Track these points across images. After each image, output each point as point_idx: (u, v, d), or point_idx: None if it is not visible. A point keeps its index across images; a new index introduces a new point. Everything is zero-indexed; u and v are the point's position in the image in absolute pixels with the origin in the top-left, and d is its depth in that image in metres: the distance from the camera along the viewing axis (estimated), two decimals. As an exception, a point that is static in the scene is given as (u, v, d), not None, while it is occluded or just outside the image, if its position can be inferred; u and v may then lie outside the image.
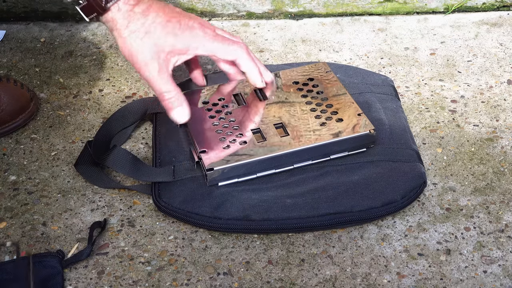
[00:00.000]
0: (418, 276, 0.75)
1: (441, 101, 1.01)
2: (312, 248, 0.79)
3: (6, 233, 0.81)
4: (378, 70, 1.08)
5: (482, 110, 0.99)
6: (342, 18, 1.23)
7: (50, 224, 0.82)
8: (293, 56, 1.12)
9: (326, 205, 0.80)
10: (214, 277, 0.75)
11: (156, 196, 0.83)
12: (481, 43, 1.14)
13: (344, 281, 0.75)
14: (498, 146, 0.93)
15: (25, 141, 0.95)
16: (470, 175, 0.88)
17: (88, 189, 0.87)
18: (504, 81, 1.05)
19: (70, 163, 0.91)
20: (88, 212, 0.84)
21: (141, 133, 0.97)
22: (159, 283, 0.75)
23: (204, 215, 0.80)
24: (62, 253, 0.77)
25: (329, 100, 0.91)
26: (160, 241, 0.80)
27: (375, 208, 0.81)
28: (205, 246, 0.79)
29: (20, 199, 0.86)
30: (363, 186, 0.82)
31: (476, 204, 0.84)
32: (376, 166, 0.85)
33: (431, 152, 0.92)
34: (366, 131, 0.85)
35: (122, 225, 0.82)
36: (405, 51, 1.13)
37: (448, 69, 1.08)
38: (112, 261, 0.78)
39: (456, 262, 0.77)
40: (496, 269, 0.76)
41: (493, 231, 0.80)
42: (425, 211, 0.83)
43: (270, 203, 0.81)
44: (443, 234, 0.80)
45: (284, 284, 0.75)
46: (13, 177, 0.89)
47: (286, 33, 1.18)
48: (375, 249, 0.78)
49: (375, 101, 0.95)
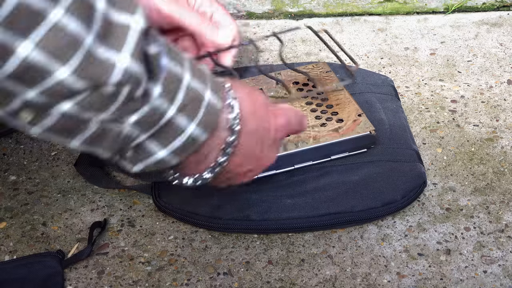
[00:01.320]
0: (418, 276, 0.75)
1: (441, 101, 1.01)
2: (312, 248, 0.79)
3: (6, 233, 0.81)
4: (378, 70, 1.08)
5: (482, 110, 0.99)
6: (342, 18, 1.23)
7: (50, 224, 0.82)
8: (293, 56, 1.12)
9: (326, 205, 0.80)
10: (214, 277, 0.75)
11: (156, 196, 0.83)
12: (481, 43, 1.14)
13: (344, 281, 0.75)
14: (498, 146, 0.93)
15: (25, 141, 0.95)
16: (470, 175, 0.88)
17: (88, 189, 0.87)
18: (504, 81, 1.05)
19: (70, 163, 0.91)
20: (88, 212, 0.84)
21: (141, 133, 0.96)
22: (159, 283, 0.75)
23: (204, 215, 0.80)
24: (62, 253, 0.77)
25: (329, 100, 0.91)
26: (160, 241, 0.80)
27: (375, 208, 0.81)
28: (205, 246, 0.79)
29: (20, 199, 0.86)
30: (363, 186, 0.82)
31: (476, 204, 0.84)
32: (376, 166, 0.85)
33: (431, 152, 0.92)
34: (366, 132, 0.85)
35: (122, 225, 0.82)
36: (405, 51, 1.13)
37: (448, 69, 1.08)
38: (112, 261, 0.78)
39: (456, 262, 0.77)
40: (496, 269, 0.76)
41: (493, 231, 0.80)
42: (425, 211, 0.83)
43: (270, 203, 0.81)
44: (443, 234, 0.80)
45: (284, 284, 0.75)
46: (13, 177, 0.89)
47: (286, 33, 1.18)
48: (375, 249, 0.78)
49: (375, 101, 0.95)
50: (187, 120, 0.54)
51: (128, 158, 0.55)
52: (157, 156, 0.55)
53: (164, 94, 0.51)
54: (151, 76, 0.50)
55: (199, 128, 0.55)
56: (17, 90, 0.45)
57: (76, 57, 0.44)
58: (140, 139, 0.53)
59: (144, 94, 0.50)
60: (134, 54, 0.47)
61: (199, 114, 0.54)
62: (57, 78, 0.45)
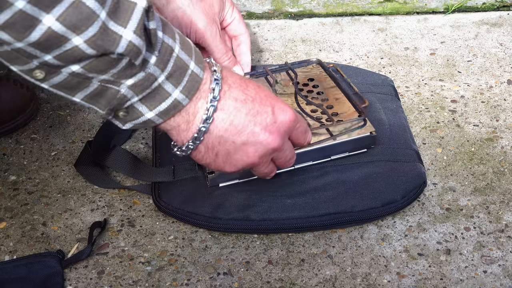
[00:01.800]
0: (418, 276, 0.75)
1: (441, 101, 1.01)
2: (312, 248, 0.79)
3: (6, 233, 0.81)
4: (378, 70, 1.08)
5: (482, 110, 0.99)
6: (342, 18, 1.23)
7: (50, 224, 0.82)
8: (293, 56, 1.12)
9: (326, 205, 0.80)
10: (214, 277, 0.75)
11: (156, 196, 0.83)
12: (481, 43, 1.14)
13: (344, 281, 0.75)
14: (498, 146, 0.93)
15: (25, 141, 0.95)
16: (470, 175, 0.88)
17: (88, 189, 0.87)
18: (504, 81, 1.05)
19: (70, 163, 0.91)
20: (88, 212, 0.84)
21: (141, 133, 0.97)
22: (159, 283, 0.75)
23: (204, 215, 0.80)
24: (62, 253, 0.77)
25: (329, 100, 0.91)
26: (160, 241, 0.80)
27: (375, 208, 0.81)
28: (205, 246, 0.79)
29: (20, 199, 0.86)
30: (363, 186, 0.82)
31: (476, 204, 0.84)
32: (376, 166, 0.85)
33: (431, 152, 0.92)
34: (366, 133, 0.85)
35: (122, 225, 0.82)
36: (405, 51, 1.13)
37: (448, 69, 1.08)
38: (112, 261, 0.78)
39: (456, 262, 0.77)
40: (496, 269, 0.76)
41: (493, 231, 0.80)
42: (425, 211, 0.83)
43: (270, 203, 0.81)
44: (443, 234, 0.80)
45: (284, 284, 0.75)
46: (13, 177, 0.89)
47: (286, 33, 1.18)
48: (375, 249, 0.78)
49: (375, 101, 0.95)
50: (173, 86, 0.62)
51: (120, 118, 0.63)
52: (145, 117, 0.62)
53: (158, 63, 0.60)
54: (149, 47, 0.59)
55: (182, 93, 0.62)
56: (36, 54, 0.53)
57: (91, 28, 0.52)
58: (132, 101, 0.61)
59: (143, 62, 0.58)
60: (137, 29, 0.55)
61: (183, 81, 0.62)
62: (72, 44, 0.53)
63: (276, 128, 0.67)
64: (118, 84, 0.59)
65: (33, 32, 0.51)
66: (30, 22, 0.50)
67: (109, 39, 0.54)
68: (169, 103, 0.62)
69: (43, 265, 0.75)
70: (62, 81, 0.57)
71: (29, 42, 0.51)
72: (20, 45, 0.52)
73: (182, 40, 0.63)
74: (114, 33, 0.54)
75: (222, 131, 0.66)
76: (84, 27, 0.52)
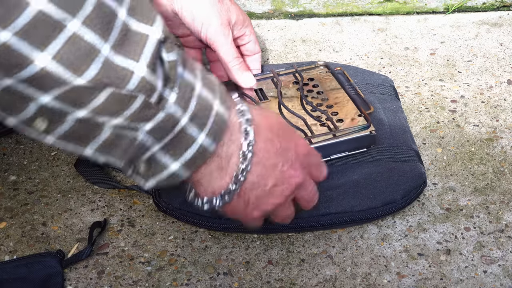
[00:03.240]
0: (418, 276, 0.75)
1: (441, 101, 1.01)
2: (312, 248, 0.79)
3: (6, 233, 0.81)
4: (378, 70, 1.08)
5: (482, 110, 0.99)
6: (342, 18, 1.23)
7: (50, 224, 0.82)
8: (293, 56, 1.12)
9: (326, 205, 0.80)
10: (214, 277, 0.75)
11: (156, 196, 0.83)
12: (481, 43, 1.14)
13: (344, 281, 0.75)
14: (498, 146, 0.93)
15: (25, 141, 0.95)
16: (470, 175, 0.88)
17: (88, 189, 0.87)
18: (504, 81, 1.05)
19: (70, 163, 0.91)
20: (88, 212, 0.84)
21: (141, 133, 0.97)
22: (159, 283, 0.75)
23: (204, 215, 0.80)
24: (62, 253, 0.77)
25: (329, 100, 0.91)
26: (160, 241, 0.80)
27: (375, 208, 0.81)
28: (205, 246, 0.79)
29: (20, 199, 0.86)
30: (363, 186, 0.82)
31: (476, 204, 0.84)
32: (376, 166, 0.85)
33: (431, 152, 0.92)
34: (366, 132, 0.85)
35: (122, 225, 0.82)
36: (405, 51, 1.13)
37: (448, 69, 1.08)
38: (112, 261, 0.78)
39: (456, 262, 0.77)
40: (496, 269, 0.76)
41: (493, 231, 0.80)
42: (425, 211, 0.83)
43: (270, 203, 0.81)
44: (443, 234, 0.80)
45: (284, 284, 0.75)
46: (13, 177, 0.89)
47: (286, 33, 1.18)
48: (375, 249, 0.78)
49: (375, 101, 0.95)
50: (198, 130, 0.54)
51: (141, 173, 0.56)
52: (169, 169, 0.55)
53: (178, 101, 0.52)
54: (167, 83, 0.51)
55: (208, 137, 0.55)
56: (32, 94, 0.45)
57: (93, 66, 0.45)
58: (153, 150, 0.54)
59: (160, 100, 0.51)
60: (150, 63, 0.48)
61: (209, 124, 0.55)
62: (73, 85, 0.45)
63: (299, 164, 0.64)
64: (135, 129, 0.52)
65: (23, 71, 0.43)
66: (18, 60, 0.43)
67: (118, 76, 0.47)
68: (194, 150, 0.55)
69: (43, 265, 0.75)
70: (68, 130, 0.49)
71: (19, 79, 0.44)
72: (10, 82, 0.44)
73: (203, 76, 0.56)
74: (124, 69, 0.47)
75: (255, 176, 0.60)
76: (85, 65, 0.45)
